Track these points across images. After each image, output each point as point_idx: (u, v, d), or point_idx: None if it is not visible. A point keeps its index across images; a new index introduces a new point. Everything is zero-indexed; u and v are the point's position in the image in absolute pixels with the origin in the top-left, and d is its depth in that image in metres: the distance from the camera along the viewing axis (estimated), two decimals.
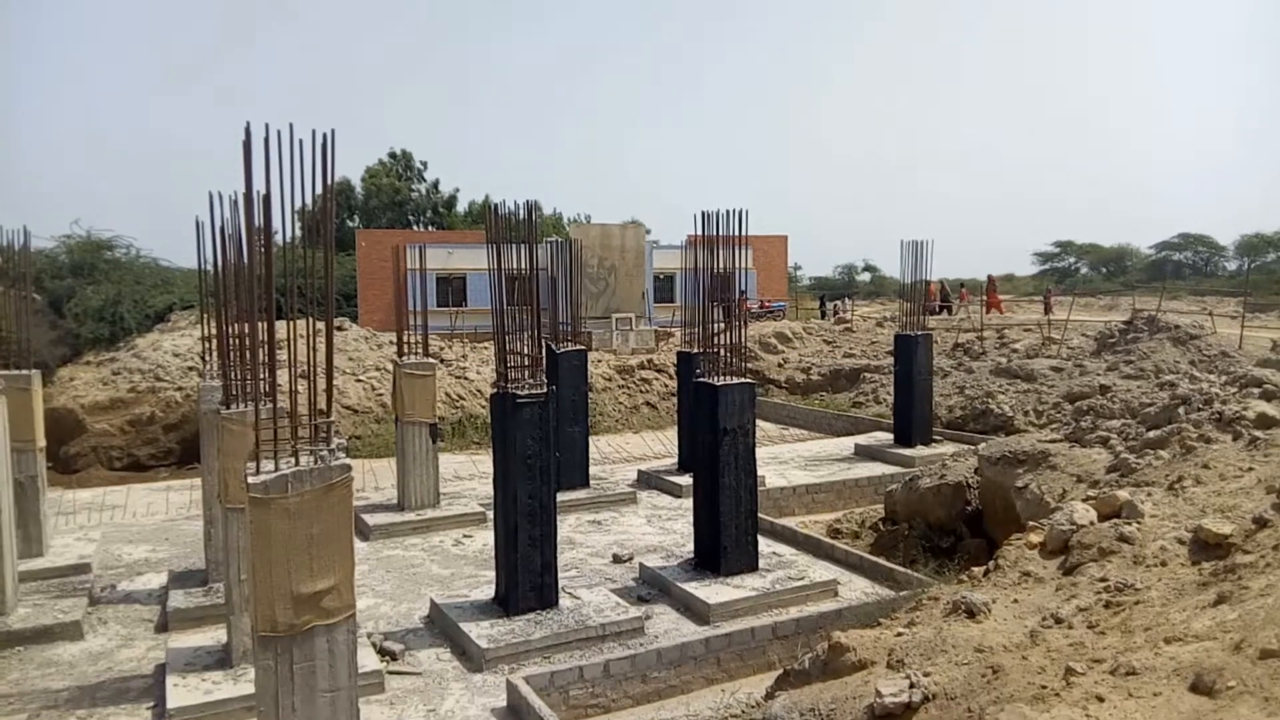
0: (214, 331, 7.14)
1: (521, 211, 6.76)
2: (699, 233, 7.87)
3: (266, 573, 3.45)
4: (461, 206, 48.06)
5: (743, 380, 7.22)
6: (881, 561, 7.42)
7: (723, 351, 7.39)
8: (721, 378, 7.21)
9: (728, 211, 7.71)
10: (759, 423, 7.50)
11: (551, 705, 4.84)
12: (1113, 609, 3.84)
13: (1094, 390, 12.34)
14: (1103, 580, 4.12)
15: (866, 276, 62.87)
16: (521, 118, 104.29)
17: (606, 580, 7.33)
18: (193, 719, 4.89)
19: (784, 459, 12.25)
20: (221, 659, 5.42)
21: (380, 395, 14.90)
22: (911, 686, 3.36)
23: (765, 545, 7.58)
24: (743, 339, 7.47)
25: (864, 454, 12.38)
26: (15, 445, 7.12)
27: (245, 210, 3.83)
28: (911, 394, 12.16)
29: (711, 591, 6.67)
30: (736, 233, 7.69)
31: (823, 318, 31.63)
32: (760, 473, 7.71)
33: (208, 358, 7.58)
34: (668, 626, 6.37)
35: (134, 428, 14.14)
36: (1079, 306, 28.01)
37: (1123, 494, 4.95)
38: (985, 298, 30.23)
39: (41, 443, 8.02)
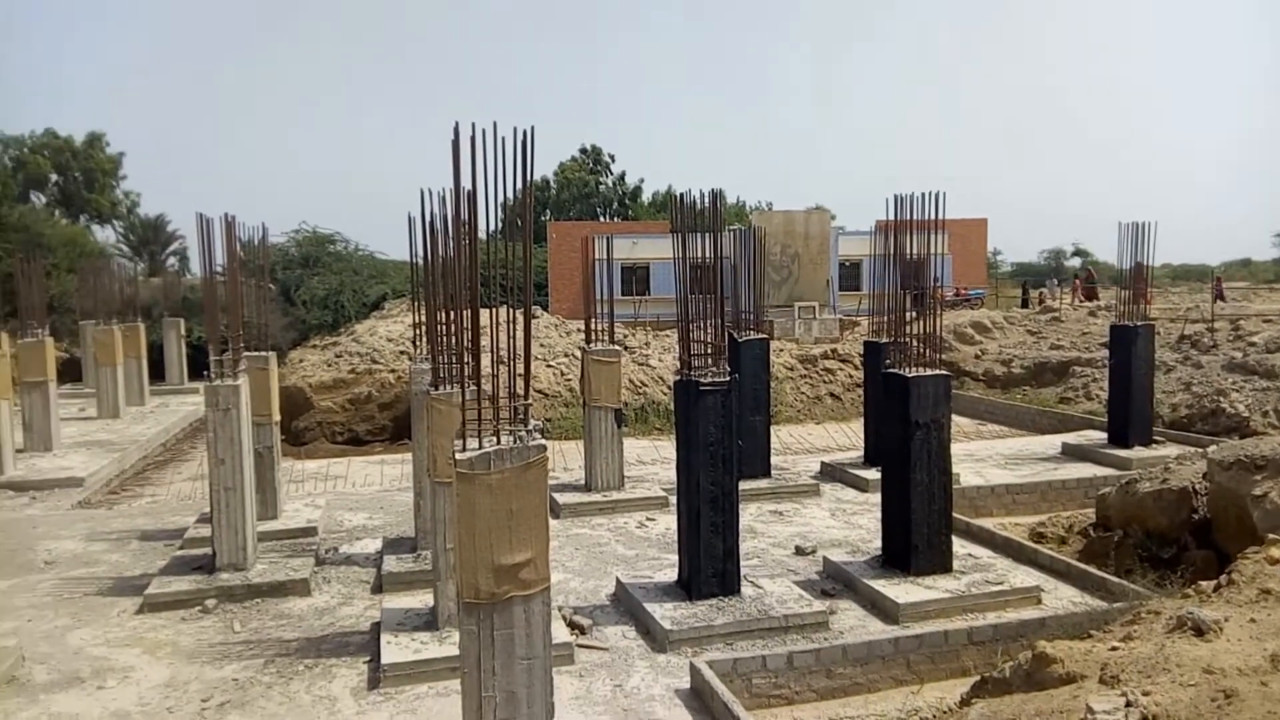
0: (423, 319, 7.69)
1: (705, 200, 6.79)
2: (892, 217, 7.58)
3: (470, 544, 3.68)
4: (646, 197, 48.87)
5: (937, 372, 6.90)
6: (1092, 570, 6.88)
7: (914, 341, 7.10)
8: (913, 369, 6.93)
9: (923, 194, 7.38)
10: (953, 417, 7.14)
11: (734, 691, 4.86)
12: None
13: None
14: None
15: (1076, 262, 58.22)
16: (705, 106, 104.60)
17: (789, 571, 7.26)
18: (404, 674, 5.31)
19: (980, 456, 11.61)
20: (429, 621, 5.84)
21: (569, 380, 15.48)
22: (1128, 705, 3.09)
23: (959, 546, 7.23)
24: (937, 328, 7.13)
25: (1072, 454, 11.50)
26: (255, 419, 7.95)
27: (454, 205, 4.09)
28: (1129, 390, 11.15)
29: (901, 590, 6.44)
30: (932, 216, 7.34)
31: (1024, 306, 29.62)
32: (955, 470, 7.35)
33: (418, 343, 8.16)
34: (853, 623, 6.22)
35: (353, 406, 15.48)
36: None
37: None
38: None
39: (276, 417, 8.94)
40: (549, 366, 15.91)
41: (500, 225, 4.69)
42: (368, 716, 4.95)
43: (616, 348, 9.85)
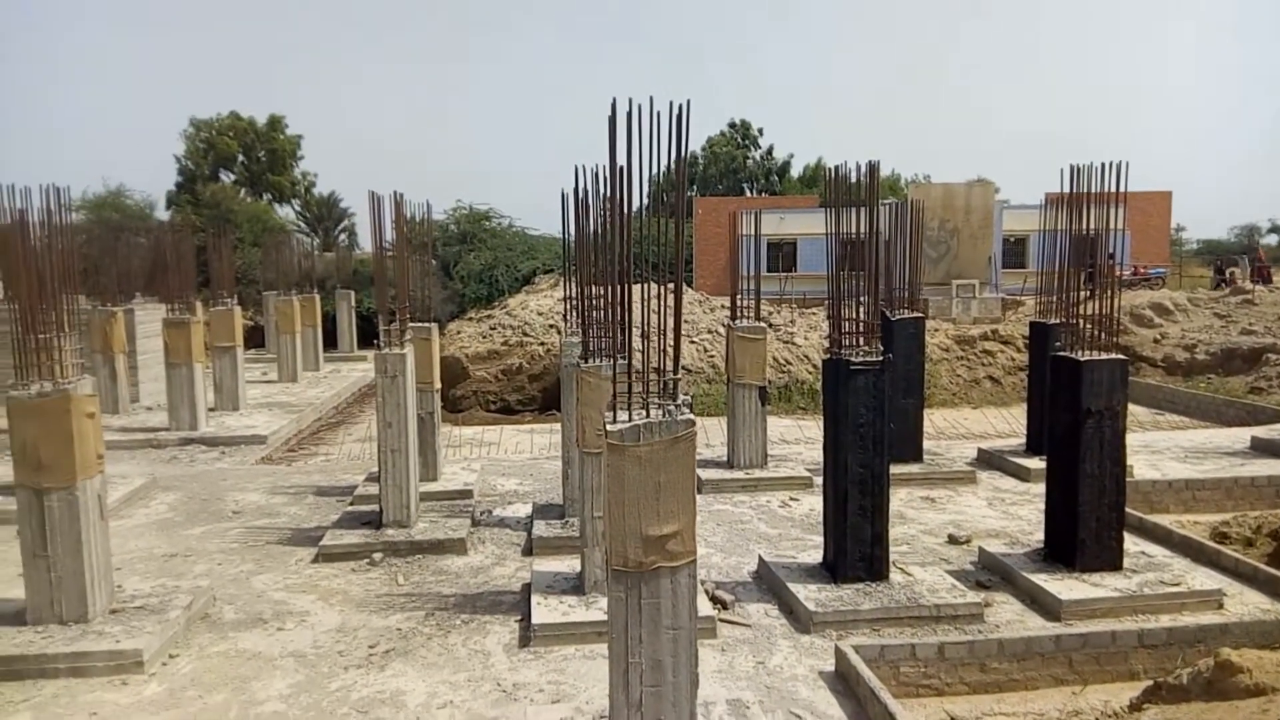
0: (573, 293, 7.87)
1: (859, 173, 6.56)
2: (1067, 189, 7.08)
3: (620, 513, 3.75)
4: (795, 171, 47.90)
5: (1112, 356, 6.43)
6: None
7: (1087, 323, 6.63)
8: (1085, 352, 6.48)
9: (1102, 165, 6.85)
10: (1129, 406, 6.63)
11: (881, 678, 4.74)
12: None
13: None
14: None
15: (1273, 239, 52.63)
16: (858, 76, 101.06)
17: (940, 560, 7.00)
18: (552, 635, 5.50)
19: (1158, 448, 10.76)
20: (576, 585, 6.02)
21: (712, 357, 15.47)
22: None
23: (1131, 543, 6.74)
24: (1112, 309, 6.63)
25: (1264, 449, 10.47)
26: (418, 386, 8.39)
27: (609, 181, 4.13)
28: None
29: (1064, 586, 6.09)
30: (1111, 189, 6.81)
31: (1216, 287, 27.07)
32: (1129, 462, 6.84)
33: (568, 317, 8.37)
34: (1010, 617, 5.93)
35: (505, 376, 16.09)
36: None
37: None
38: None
39: (437, 385, 9.42)
40: (692, 343, 15.95)
41: (650, 201, 4.71)
42: (519, 673, 5.17)
43: (762, 325, 9.75)
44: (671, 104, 3.99)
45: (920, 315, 10.27)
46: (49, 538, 5.45)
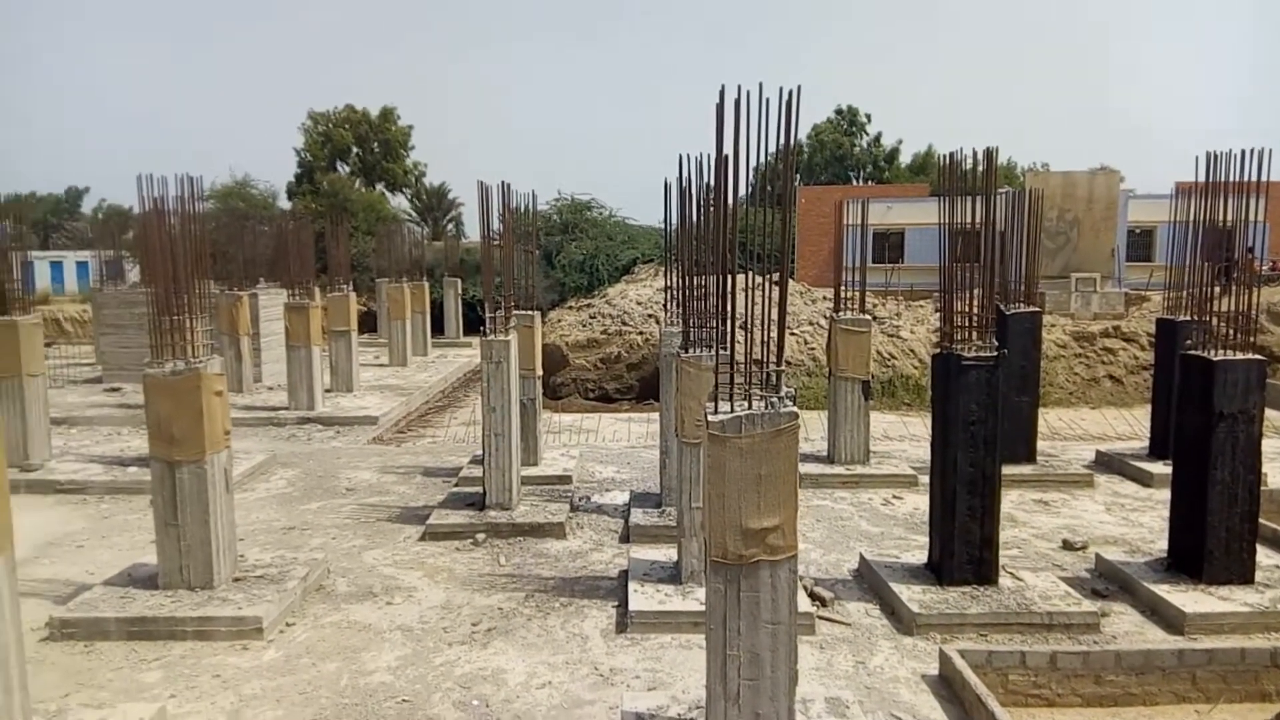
0: (674, 282, 7.86)
1: (973, 160, 6.30)
2: (1202, 178, 6.64)
3: (720, 504, 3.73)
4: (904, 159, 46.49)
5: (1249, 356, 6.00)
6: None
7: (1219, 321, 6.20)
8: (1219, 351, 6.07)
9: (1241, 152, 6.38)
10: (1266, 410, 6.17)
11: (988, 685, 4.58)
12: None
13: None
14: None
15: None
16: (973, 62, 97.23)
17: (1053, 566, 6.71)
18: (649, 623, 5.54)
19: None
20: (672, 575, 6.04)
21: (812, 349, 15.21)
22: None
23: (1265, 556, 6.30)
24: (1249, 306, 6.18)
25: None
26: (521, 372, 8.56)
27: (716, 171, 4.10)
28: None
29: (1189, 599, 5.74)
30: (1251, 177, 6.34)
31: None
32: (1264, 469, 6.38)
33: (668, 306, 8.37)
34: (1128, 628, 5.63)
35: (604, 365, 16.24)
36: None
37: None
38: None
39: (539, 372, 9.58)
40: (792, 334, 15.71)
41: (753, 189, 4.65)
42: (616, 658, 5.22)
43: (866, 317, 9.52)
44: (781, 90, 3.92)
45: (1036, 309, 9.83)
46: (179, 508, 5.81)
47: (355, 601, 6.13)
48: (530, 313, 9.36)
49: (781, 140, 3.92)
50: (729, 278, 4.23)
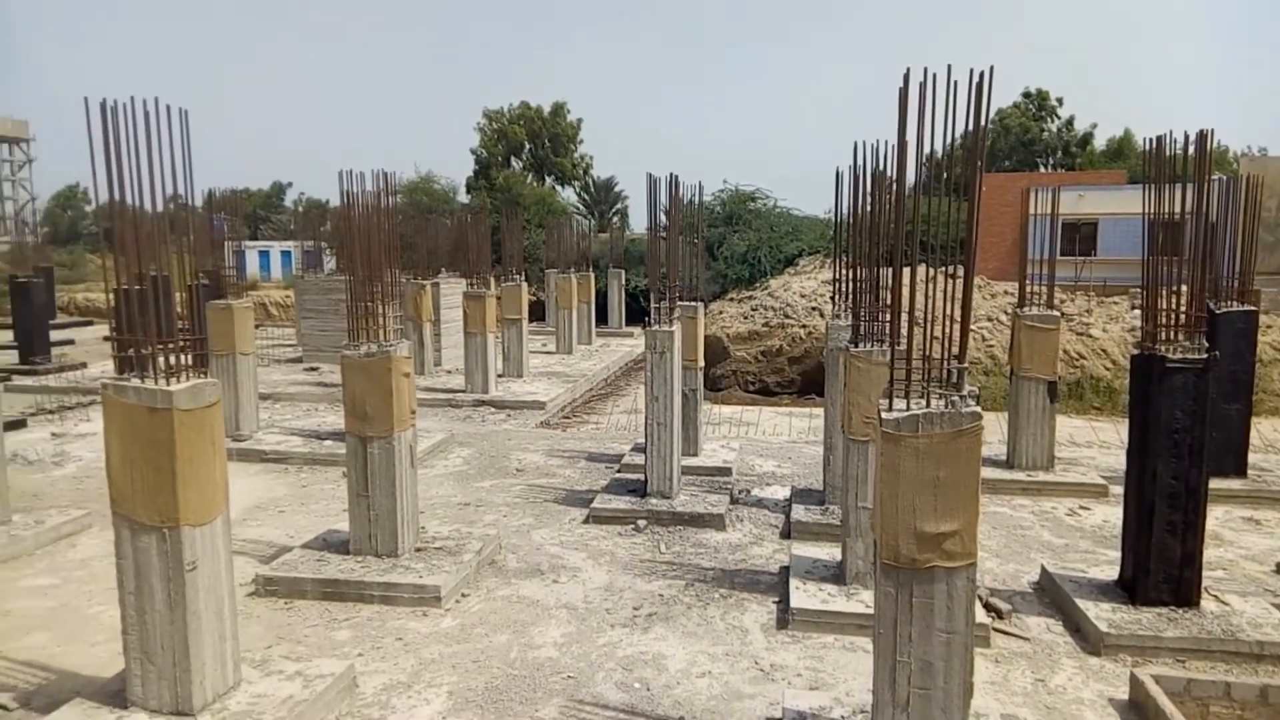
0: (844, 274, 7.66)
1: (1182, 145, 5.73)
2: None
3: (892, 506, 3.60)
4: (1098, 144, 43.16)
5: None
6: None
7: None
8: None
9: None
10: None
11: (1186, 716, 4.19)
12: None
13: None
14: None
15: None
16: (1177, 38, 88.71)
17: (1265, 591, 6.04)
18: (810, 621, 5.44)
19: None
20: (835, 574, 5.90)
21: (990, 346, 14.42)
22: None
23: None
24: None
25: None
26: (684, 363, 8.60)
27: (898, 157, 3.94)
28: None
29: None
30: None
31: None
32: None
33: (835, 298, 8.16)
34: None
35: (765, 358, 16.07)
36: None
37: None
38: None
39: (701, 363, 9.60)
40: (969, 330, 14.95)
41: (928, 177, 4.43)
42: (776, 654, 5.16)
43: (1054, 313, 8.91)
44: (971, 72, 3.72)
45: (1252, 309, 8.86)
46: (370, 480, 6.25)
47: (524, 578, 6.38)
48: (694, 304, 9.39)
49: (970, 124, 3.72)
50: (911, 269, 4.06)
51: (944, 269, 4.04)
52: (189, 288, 5.14)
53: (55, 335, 18.41)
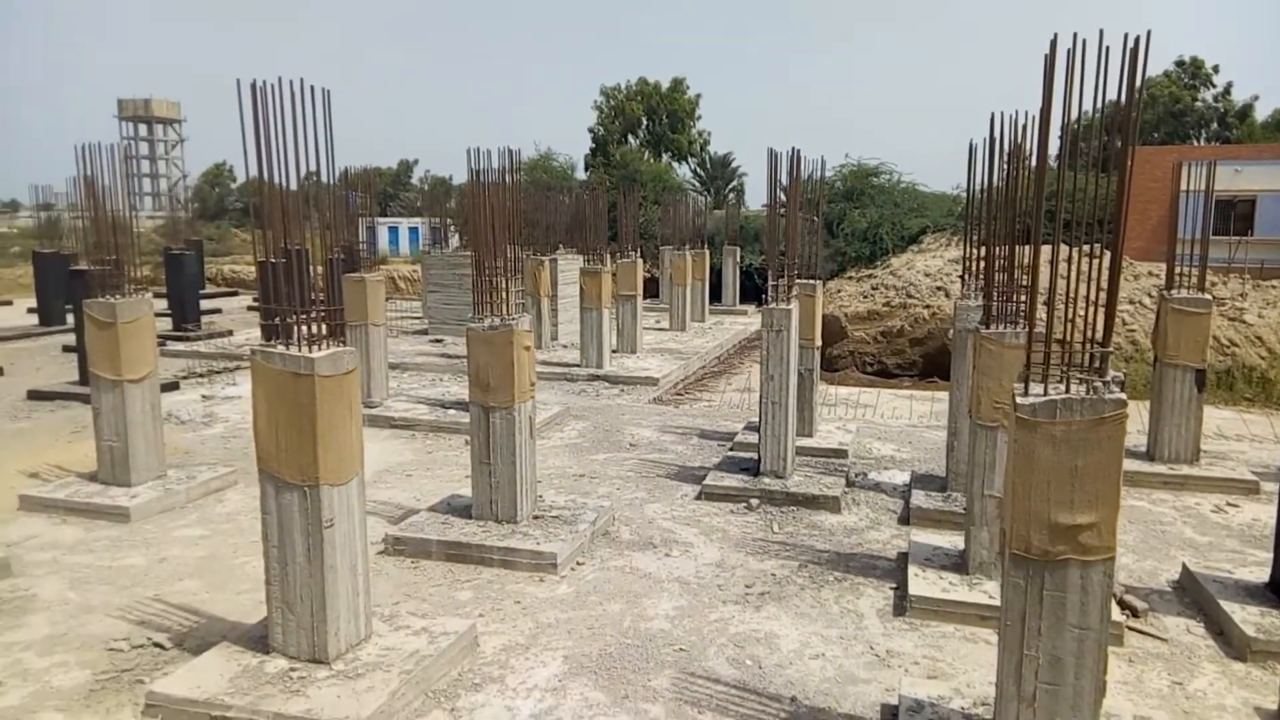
0: (974, 252, 7.34)
1: None
2: None
3: (1025, 495, 3.45)
4: (1261, 114, 39.77)
5: None
6: None
7: None
8: None
9: None
10: None
11: None
12: None
13: None
14: None
15: None
16: None
17: None
18: (929, 609, 5.30)
19: None
20: (957, 563, 5.72)
21: (1131, 331, 13.58)
22: None
23: None
24: None
25: None
26: (800, 342, 8.47)
27: (1040, 129, 3.73)
28: None
29: None
30: None
31: None
32: None
33: (965, 278, 7.84)
34: None
35: (884, 338, 15.65)
36: None
37: None
38: None
39: (818, 342, 9.43)
40: None
41: (1073, 149, 4.18)
42: (893, 640, 5.06)
43: (1206, 297, 8.29)
44: (1126, 36, 3.47)
45: None
46: (491, 449, 6.45)
47: (637, 550, 6.47)
48: (812, 282, 9.21)
49: (1122, 94, 3.48)
50: (1054, 248, 3.85)
51: (1084, 248, 3.81)
52: (327, 261, 5.41)
53: (204, 304, 19.82)
